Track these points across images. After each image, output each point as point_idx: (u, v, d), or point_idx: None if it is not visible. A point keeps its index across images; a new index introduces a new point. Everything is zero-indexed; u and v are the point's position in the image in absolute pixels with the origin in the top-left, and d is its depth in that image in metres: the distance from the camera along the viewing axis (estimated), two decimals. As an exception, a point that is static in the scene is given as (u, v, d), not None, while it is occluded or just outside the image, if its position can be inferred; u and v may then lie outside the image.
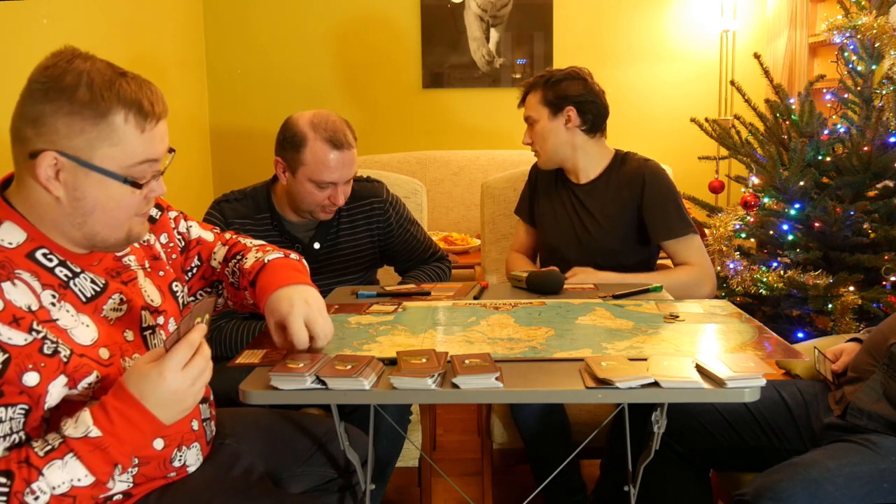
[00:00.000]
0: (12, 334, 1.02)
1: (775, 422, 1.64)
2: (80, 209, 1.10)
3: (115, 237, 1.16)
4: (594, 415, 2.00)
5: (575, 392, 1.24)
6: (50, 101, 1.06)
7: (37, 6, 2.28)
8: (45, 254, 1.12)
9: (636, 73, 3.93)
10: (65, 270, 1.14)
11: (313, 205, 1.93)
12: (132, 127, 1.10)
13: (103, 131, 1.08)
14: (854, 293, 2.37)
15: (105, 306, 1.18)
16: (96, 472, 1.02)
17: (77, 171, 1.08)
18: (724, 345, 1.45)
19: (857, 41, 2.54)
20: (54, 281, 1.12)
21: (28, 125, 1.08)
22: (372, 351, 1.42)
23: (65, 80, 1.07)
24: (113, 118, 1.08)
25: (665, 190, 2.13)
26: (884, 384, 1.52)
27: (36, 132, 1.07)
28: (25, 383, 1.03)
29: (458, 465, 2.57)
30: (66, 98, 1.06)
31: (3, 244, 1.09)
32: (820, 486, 1.34)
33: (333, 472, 1.56)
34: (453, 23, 3.90)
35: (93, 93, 1.07)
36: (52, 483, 1.00)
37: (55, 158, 1.07)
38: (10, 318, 1.02)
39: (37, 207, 1.11)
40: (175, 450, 1.27)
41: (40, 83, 1.08)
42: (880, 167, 2.47)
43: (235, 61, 3.96)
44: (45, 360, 1.04)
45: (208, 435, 1.37)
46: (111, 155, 1.09)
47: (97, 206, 1.11)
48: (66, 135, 1.07)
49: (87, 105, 1.07)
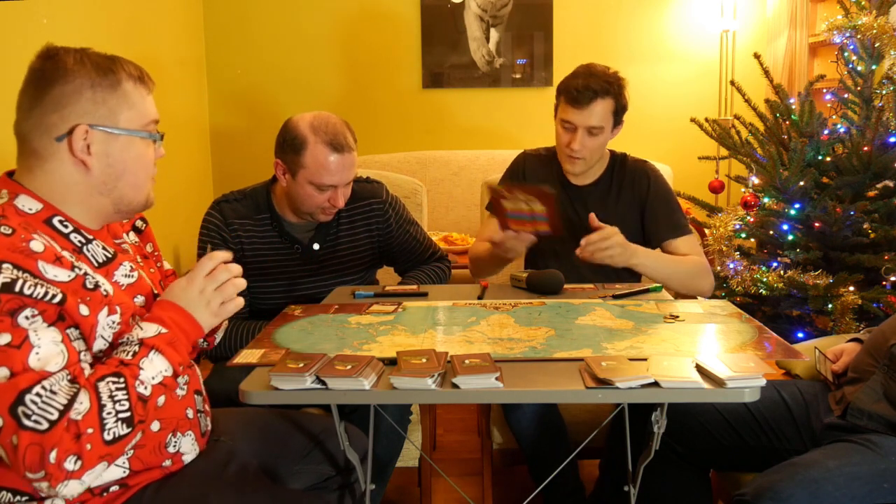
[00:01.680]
0: (57, 272, 1.12)
1: (775, 422, 1.64)
2: (112, 174, 1.22)
3: (138, 200, 1.27)
4: (594, 415, 2.00)
5: (575, 392, 1.24)
6: (68, 82, 1.18)
7: (37, 6, 2.28)
8: (60, 220, 1.21)
9: (636, 73, 3.91)
10: (79, 237, 1.23)
11: (313, 207, 1.93)
12: (139, 91, 1.24)
13: (120, 98, 1.21)
14: (854, 293, 2.37)
15: (117, 272, 1.27)
16: (174, 364, 1.18)
17: (107, 139, 1.21)
18: (724, 345, 1.45)
19: (857, 41, 2.54)
20: (69, 246, 1.21)
21: (50, 112, 1.18)
22: (372, 351, 1.42)
23: (69, 64, 1.18)
24: (125, 85, 1.22)
25: (668, 190, 2.19)
26: (884, 384, 1.52)
27: (61, 115, 1.18)
28: (81, 313, 1.14)
29: (458, 465, 2.57)
30: (82, 76, 1.18)
31: (24, 209, 1.19)
32: (820, 486, 1.34)
33: (332, 470, 1.56)
34: (453, 23, 3.90)
35: (101, 68, 1.20)
36: (150, 375, 1.15)
37: (86, 131, 1.19)
38: (53, 257, 1.12)
39: (58, 188, 1.21)
40: (170, 434, 1.29)
41: (48, 72, 1.18)
42: (880, 167, 2.47)
43: (235, 61, 3.96)
44: (89, 294, 1.16)
45: (202, 427, 1.38)
46: (131, 117, 1.23)
47: (126, 168, 1.24)
48: (91, 108, 1.19)
49: (104, 77, 1.20)
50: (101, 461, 1.07)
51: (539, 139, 3.77)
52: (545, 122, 3.95)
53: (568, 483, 2.00)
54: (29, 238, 1.11)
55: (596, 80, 2.04)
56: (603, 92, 2.04)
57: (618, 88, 2.07)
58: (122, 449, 1.11)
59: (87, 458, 1.05)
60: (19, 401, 1.03)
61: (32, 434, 1.03)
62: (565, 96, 2.08)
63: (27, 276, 1.08)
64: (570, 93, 2.06)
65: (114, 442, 1.09)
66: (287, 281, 2.02)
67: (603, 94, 2.04)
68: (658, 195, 2.16)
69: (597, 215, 2.15)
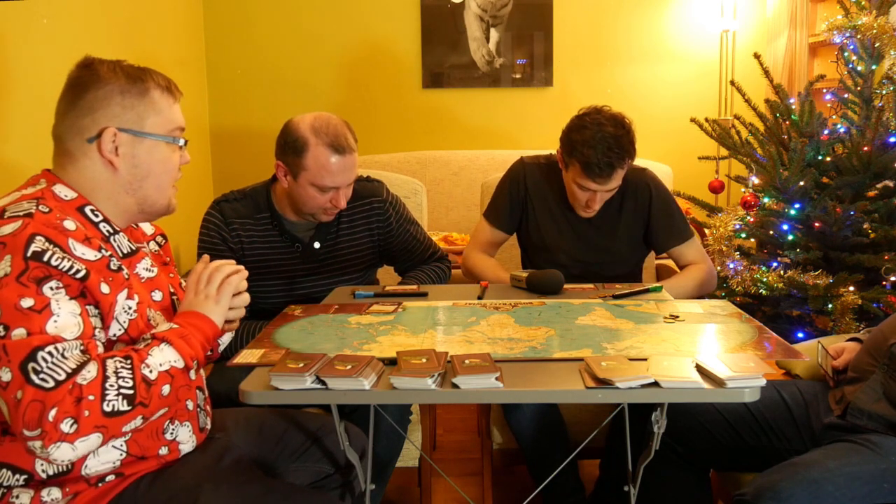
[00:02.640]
0: (85, 251, 1.20)
1: (775, 422, 1.64)
2: (137, 175, 1.31)
3: (161, 202, 1.36)
4: (594, 415, 2.00)
5: (575, 392, 1.24)
6: (100, 88, 1.27)
7: (37, 6, 2.28)
8: (92, 210, 1.29)
9: (636, 73, 3.93)
10: (107, 227, 1.31)
11: (315, 208, 1.93)
12: (166, 100, 1.34)
13: (148, 104, 1.31)
14: (854, 293, 2.37)
15: (139, 265, 1.35)
16: (184, 356, 1.23)
17: (133, 142, 1.29)
18: (724, 345, 1.45)
19: (857, 41, 2.53)
20: (98, 234, 1.28)
21: (84, 115, 1.27)
22: (372, 351, 1.42)
23: (104, 72, 1.28)
24: (152, 93, 1.31)
25: (668, 198, 2.22)
26: (884, 384, 1.52)
27: (92, 119, 1.27)
28: (102, 291, 1.21)
29: (458, 465, 2.57)
30: (113, 83, 1.28)
31: (60, 195, 1.27)
32: (820, 487, 1.34)
33: (330, 468, 1.57)
34: (453, 23, 3.90)
35: (131, 76, 1.30)
36: (157, 361, 1.20)
37: (115, 134, 1.27)
38: (83, 236, 1.21)
39: (89, 184, 1.29)
40: (167, 421, 1.31)
41: (83, 79, 1.28)
42: (880, 167, 2.47)
43: (235, 61, 3.96)
44: (112, 275, 1.24)
45: (201, 422, 1.40)
46: (157, 123, 1.32)
47: (151, 171, 1.32)
48: (121, 113, 1.28)
49: (133, 85, 1.30)
50: (95, 431, 1.11)
51: (539, 139, 3.81)
52: (545, 123, 3.97)
53: (568, 483, 2.00)
54: (64, 217, 1.20)
55: (614, 154, 1.98)
56: (621, 162, 2.01)
57: (632, 148, 2.04)
58: (118, 426, 1.14)
59: (83, 424, 1.09)
60: (31, 357, 1.09)
61: (37, 391, 1.08)
62: (583, 168, 2.01)
63: (57, 249, 1.15)
64: (588, 168, 1.99)
65: (112, 415, 1.12)
66: (287, 280, 2.02)
67: (622, 163, 2.01)
68: (660, 205, 2.19)
69: (601, 227, 2.18)
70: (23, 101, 2.15)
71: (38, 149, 1.30)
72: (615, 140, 1.98)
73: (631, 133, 2.04)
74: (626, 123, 2.05)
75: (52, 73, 2.21)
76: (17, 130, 2.13)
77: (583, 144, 2.00)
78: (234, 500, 1.26)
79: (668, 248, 2.21)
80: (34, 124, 2.04)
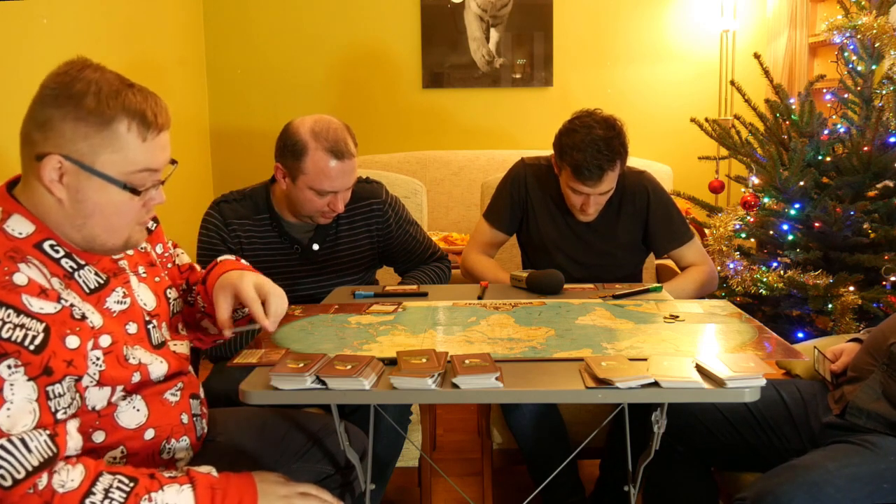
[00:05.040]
0: (43, 304, 1.06)
1: (774, 421, 1.64)
2: (81, 212, 1.15)
3: (113, 242, 1.20)
4: (594, 415, 2.00)
5: (575, 392, 1.24)
6: (59, 106, 1.11)
7: (37, 6, 2.28)
8: (52, 245, 1.16)
9: (636, 73, 3.93)
10: (70, 262, 1.17)
11: (312, 211, 1.93)
12: (134, 136, 1.14)
13: (106, 138, 1.12)
14: (854, 293, 2.37)
15: (109, 298, 1.22)
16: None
17: (79, 175, 1.13)
18: (724, 345, 1.45)
19: (857, 41, 2.53)
20: (60, 271, 1.15)
21: (36, 129, 1.13)
22: (372, 351, 1.42)
23: (74, 87, 1.12)
24: (116, 126, 1.13)
25: (667, 201, 2.22)
26: (883, 384, 1.52)
27: (43, 136, 1.12)
28: (68, 346, 1.09)
29: (458, 465, 2.57)
30: (74, 104, 1.11)
31: (14, 234, 1.13)
32: (821, 489, 1.34)
33: (331, 469, 1.56)
34: (453, 23, 3.90)
35: (99, 101, 1.12)
36: (166, 499, 1.08)
37: (59, 162, 1.12)
38: (38, 289, 1.07)
39: (40, 207, 1.15)
40: (164, 442, 1.28)
41: (51, 89, 1.13)
42: (880, 167, 2.47)
43: (235, 62, 3.96)
44: (78, 325, 1.11)
45: (198, 431, 1.38)
46: (112, 161, 1.13)
47: (97, 211, 1.15)
48: (71, 139, 1.11)
49: (93, 112, 1.11)
50: None
51: (538, 139, 3.80)
52: (545, 123, 3.95)
53: (568, 483, 2.00)
54: (13, 270, 1.06)
55: (603, 156, 1.98)
56: (611, 164, 2.00)
57: (623, 150, 2.03)
58: None
59: None
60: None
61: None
62: (572, 171, 2.02)
63: (10, 312, 1.02)
64: (578, 170, 2.00)
65: None
66: (287, 281, 2.01)
67: (612, 165, 2.01)
68: (658, 208, 2.19)
69: (600, 231, 2.18)
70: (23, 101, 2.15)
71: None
72: (604, 143, 1.98)
73: (622, 135, 2.03)
74: (617, 126, 2.04)
75: (52, 74, 2.21)
76: (17, 131, 2.13)
77: (572, 148, 2.00)
78: None
79: (668, 250, 2.21)
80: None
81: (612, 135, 2.00)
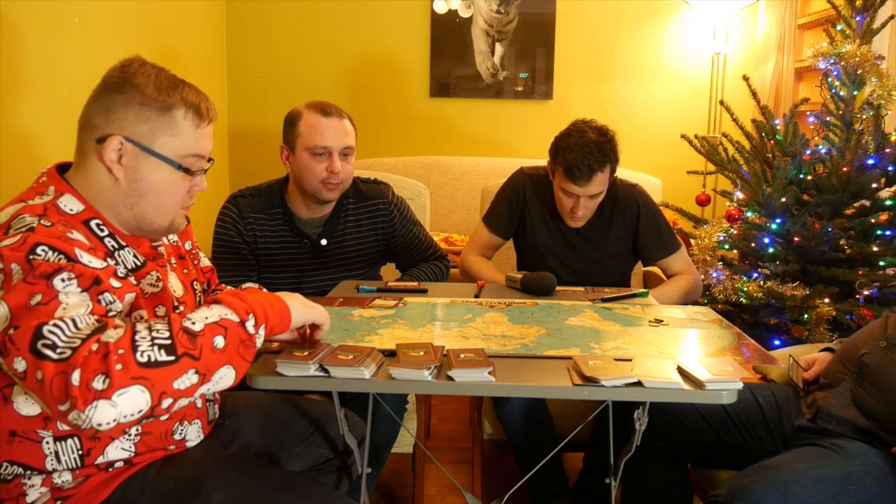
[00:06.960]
0: (91, 258, 1.09)
1: (749, 422, 1.64)
2: (136, 190, 1.20)
3: (160, 223, 1.24)
4: (580, 410, 2.00)
5: (562, 388, 1.24)
6: (123, 92, 1.18)
7: (69, 5, 2.28)
8: (98, 224, 1.20)
9: (631, 90, 3.93)
10: (112, 241, 1.22)
11: (314, 181, 1.93)
12: (189, 123, 1.21)
13: (166, 122, 1.19)
14: (829, 305, 2.37)
15: (144, 280, 1.25)
16: (237, 311, 1.10)
17: (138, 156, 1.19)
18: (704, 349, 1.45)
19: (840, 68, 2.54)
20: (103, 248, 1.19)
21: (100, 114, 1.18)
22: (373, 342, 1.42)
23: (137, 77, 1.19)
24: (175, 112, 1.20)
25: (656, 213, 2.22)
26: (853, 391, 1.52)
27: (106, 120, 1.18)
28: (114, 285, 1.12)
29: (451, 453, 2.57)
30: (139, 91, 1.18)
31: (66, 209, 1.17)
32: (790, 489, 1.34)
33: (330, 453, 1.57)
34: (461, 36, 3.90)
35: (160, 90, 1.19)
36: (203, 315, 1.08)
37: (121, 143, 1.18)
38: (88, 246, 1.11)
39: (94, 188, 1.20)
40: (177, 423, 1.28)
41: (116, 78, 1.19)
42: (858, 187, 2.47)
43: (254, 65, 3.96)
44: (121, 282, 1.16)
45: (210, 415, 1.38)
46: (170, 144, 1.20)
47: (151, 190, 1.21)
48: (134, 123, 1.18)
49: (156, 99, 1.19)
50: (134, 384, 0.95)
51: (537, 149, 3.79)
52: (544, 133, 3.93)
53: (553, 474, 2.00)
54: (67, 230, 1.10)
55: (594, 157, 1.98)
56: (601, 165, 2.01)
57: (613, 155, 2.04)
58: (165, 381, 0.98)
59: (117, 378, 0.94)
60: (37, 335, 0.96)
61: (56, 364, 0.94)
62: (564, 171, 2.02)
63: (62, 257, 1.04)
64: (569, 170, 2.01)
65: (150, 366, 0.97)
66: (295, 274, 2.02)
67: (601, 167, 2.01)
68: (648, 220, 2.19)
69: (592, 239, 2.18)
70: (55, 98, 2.16)
71: (69, 146, 1.26)
72: (596, 145, 2.00)
73: (613, 142, 2.04)
74: (609, 133, 2.05)
75: (83, 71, 2.22)
76: (49, 127, 2.13)
77: (566, 149, 2.02)
78: (238, 486, 1.23)
79: (655, 260, 2.22)
80: (65, 122, 2.04)
81: (603, 140, 2.02)
